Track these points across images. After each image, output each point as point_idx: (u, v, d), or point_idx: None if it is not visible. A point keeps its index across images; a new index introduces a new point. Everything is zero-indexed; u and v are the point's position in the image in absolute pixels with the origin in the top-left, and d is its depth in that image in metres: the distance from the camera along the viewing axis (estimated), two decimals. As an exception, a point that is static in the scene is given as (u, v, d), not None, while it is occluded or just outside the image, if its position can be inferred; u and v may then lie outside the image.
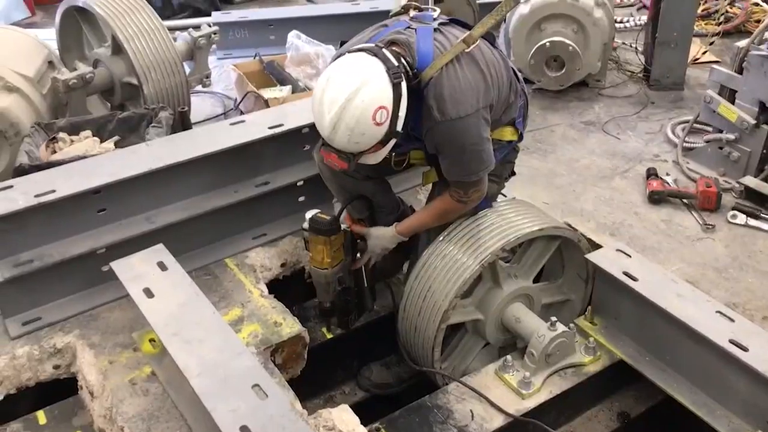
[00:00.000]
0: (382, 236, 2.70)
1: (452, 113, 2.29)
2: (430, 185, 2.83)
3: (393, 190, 2.97)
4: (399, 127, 2.26)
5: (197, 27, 4.49)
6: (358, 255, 2.75)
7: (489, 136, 2.43)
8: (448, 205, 2.57)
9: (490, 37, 2.55)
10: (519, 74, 2.69)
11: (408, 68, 2.27)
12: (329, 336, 2.91)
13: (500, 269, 2.63)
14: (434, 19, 2.46)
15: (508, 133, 2.64)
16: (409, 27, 2.41)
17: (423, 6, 2.61)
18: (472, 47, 2.35)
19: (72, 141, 3.50)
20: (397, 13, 2.58)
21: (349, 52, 2.27)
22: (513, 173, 2.86)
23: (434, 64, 2.29)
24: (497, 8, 2.42)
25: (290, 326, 2.67)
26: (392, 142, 2.30)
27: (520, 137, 2.70)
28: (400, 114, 2.23)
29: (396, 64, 2.21)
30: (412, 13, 2.53)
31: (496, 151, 2.59)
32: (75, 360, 2.65)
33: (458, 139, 2.35)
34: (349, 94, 2.13)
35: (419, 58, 2.31)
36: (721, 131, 4.04)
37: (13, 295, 2.70)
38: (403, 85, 2.21)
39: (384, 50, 2.24)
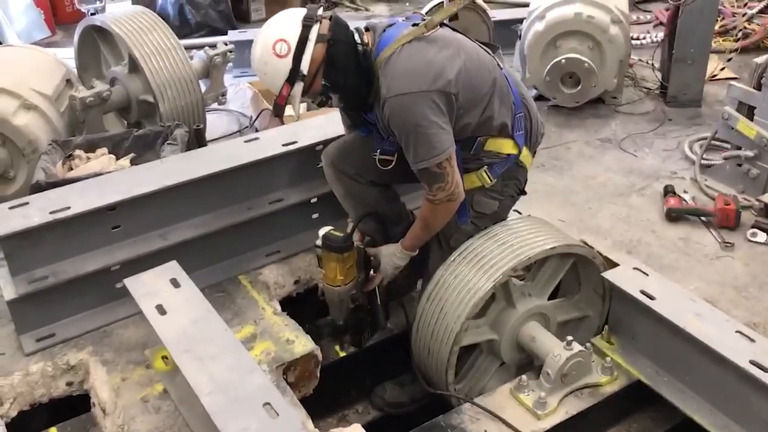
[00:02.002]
0: (391, 253, 2.68)
1: (396, 89, 2.32)
2: None
3: (400, 200, 2.97)
4: (304, 68, 2.35)
5: (213, 45, 4.53)
6: (372, 272, 2.73)
7: (443, 123, 2.36)
8: (423, 209, 2.55)
9: (492, 48, 2.59)
10: (518, 85, 2.66)
11: (361, 42, 2.41)
12: (342, 354, 2.89)
13: (513, 288, 2.60)
14: (422, 19, 2.49)
15: (506, 146, 2.59)
16: (394, 23, 2.50)
17: (423, 14, 2.64)
18: (431, 32, 2.39)
19: (88, 158, 3.53)
20: None
21: None
22: (523, 192, 2.79)
23: (391, 45, 2.38)
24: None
25: (303, 344, 2.66)
26: (299, 86, 2.38)
27: (520, 151, 2.62)
28: (305, 55, 2.34)
29: (315, 16, 2.36)
30: (408, 15, 2.61)
31: (494, 165, 2.57)
32: (88, 377, 2.65)
33: (402, 116, 2.34)
34: (263, 27, 2.43)
35: (381, 41, 2.42)
36: (739, 148, 3.99)
37: (27, 312, 2.71)
38: (314, 29, 2.34)
39: (319, 9, 2.40)
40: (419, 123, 2.33)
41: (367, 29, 2.49)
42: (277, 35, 2.36)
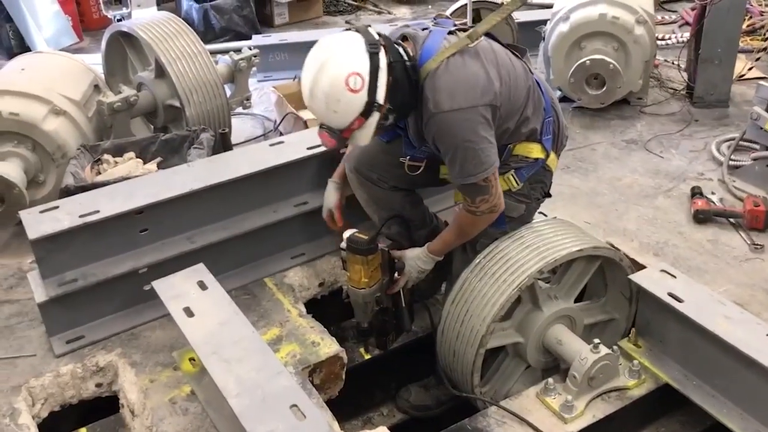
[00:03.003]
0: (416, 257, 2.66)
1: (445, 105, 2.28)
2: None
3: (424, 204, 2.97)
4: (380, 99, 2.24)
5: (238, 50, 4.56)
6: (396, 275, 2.73)
7: (490, 137, 2.35)
8: (461, 218, 2.53)
9: (520, 51, 2.56)
10: (547, 89, 2.64)
11: (407, 57, 2.31)
12: (367, 357, 2.89)
13: (539, 291, 2.59)
14: (454, 26, 2.47)
15: (534, 150, 2.58)
16: (426, 29, 2.44)
17: (451, 17, 2.63)
18: (475, 43, 2.36)
19: (116, 162, 3.57)
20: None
21: None
22: (548, 194, 2.78)
23: (435, 57, 2.32)
24: (503, 7, 2.45)
25: (328, 346, 2.67)
26: (376, 116, 2.27)
27: (548, 155, 2.62)
28: (379, 85, 2.23)
29: (377, 38, 2.25)
30: (437, 20, 2.57)
31: (521, 169, 2.56)
32: (117, 378, 2.68)
33: (451, 132, 2.31)
34: (323, 60, 2.21)
35: (423, 53, 2.35)
36: (768, 148, 3.94)
37: (57, 314, 2.75)
38: (382, 56, 2.24)
39: (369, 28, 2.29)
40: (470, 139, 2.31)
41: (405, 38, 2.43)
42: (347, 69, 2.19)
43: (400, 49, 2.33)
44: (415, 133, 2.51)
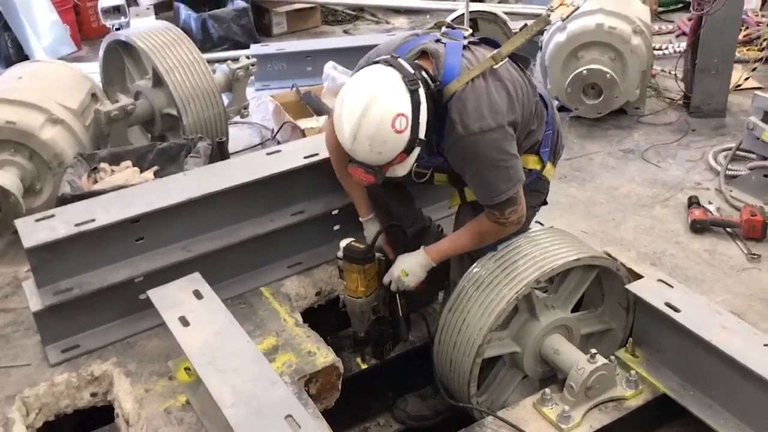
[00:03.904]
0: (413, 259, 2.60)
1: (475, 127, 2.27)
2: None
3: (414, 202, 2.96)
4: (422, 135, 2.22)
5: (236, 59, 4.57)
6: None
7: (516, 152, 2.38)
8: (485, 227, 2.50)
9: (525, 62, 2.54)
10: (549, 103, 2.66)
11: (429, 79, 2.26)
12: (364, 366, 2.88)
13: (536, 301, 2.58)
14: (464, 38, 2.47)
15: (531, 162, 2.59)
16: (438, 41, 2.43)
17: (456, 25, 2.62)
18: (500, 64, 2.36)
19: (113, 171, 3.57)
20: (431, 29, 2.62)
21: (367, 64, 2.30)
22: (544, 202, 2.80)
23: (460, 78, 2.30)
24: (528, 28, 2.43)
25: (324, 356, 2.65)
26: (417, 150, 2.25)
27: (543, 166, 2.63)
28: (420, 121, 2.20)
29: (412, 72, 2.21)
30: (444, 29, 2.56)
31: None
32: (112, 388, 2.66)
33: (482, 154, 2.31)
34: (366, 103, 2.13)
35: (445, 72, 2.31)
36: (765, 158, 3.94)
37: (53, 323, 2.74)
38: (421, 91, 2.20)
39: (400, 60, 2.25)
40: (500, 158, 2.32)
41: (424, 53, 2.37)
42: (393, 111, 2.13)
43: (424, 73, 2.27)
44: (425, 145, 2.44)
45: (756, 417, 2.31)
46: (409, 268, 2.60)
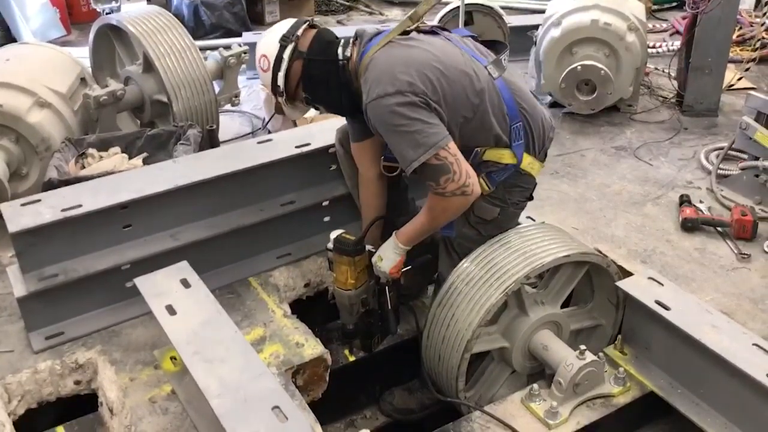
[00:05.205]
0: (386, 245, 2.58)
1: (373, 93, 2.31)
2: None
3: (407, 192, 2.97)
4: (280, 84, 2.48)
5: (228, 47, 4.53)
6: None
7: (427, 118, 2.29)
8: (431, 201, 2.44)
9: (499, 47, 2.57)
10: (519, 94, 2.55)
11: (343, 57, 2.45)
12: (352, 359, 2.87)
13: (526, 296, 2.57)
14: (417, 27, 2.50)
15: (505, 156, 2.52)
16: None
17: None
18: (415, 25, 2.46)
19: (101, 157, 3.53)
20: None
21: None
22: (530, 198, 2.72)
23: (374, 47, 2.40)
24: None
25: (312, 347, 2.64)
26: (281, 98, 2.52)
27: (519, 161, 2.55)
28: (279, 73, 2.47)
29: (297, 34, 2.46)
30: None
31: (492, 173, 2.52)
32: (96, 376, 2.64)
33: (381, 119, 2.33)
34: (262, 36, 2.58)
35: (365, 49, 2.43)
36: (757, 158, 3.94)
37: (37, 309, 2.71)
38: (287, 50, 2.45)
39: (302, 25, 2.49)
40: (399, 122, 2.29)
41: (356, 38, 2.51)
42: (261, 50, 2.51)
43: (341, 49, 2.47)
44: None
45: (743, 416, 2.31)
46: (383, 252, 2.59)
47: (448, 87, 2.36)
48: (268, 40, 2.51)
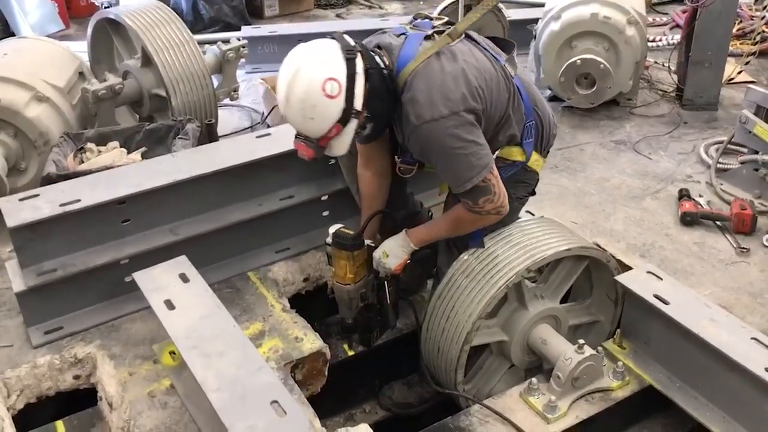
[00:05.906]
0: (393, 241, 2.58)
1: (427, 116, 2.22)
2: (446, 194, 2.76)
3: (406, 186, 2.93)
4: (357, 105, 2.20)
5: (226, 41, 4.51)
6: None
7: (478, 139, 2.29)
8: (462, 214, 2.44)
9: (508, 46, 2.51)
10: (530, 91, 2.56)
11: (384, 65, 2.28)
12: (351, 353, 2.86)
13: (526, 290, 2.57)
14: (432, 27, 2.42)
15: (515, 153, 2.53)
16: (403, 34, 2.39)
17: (433, 16, 2.55)
18: (455, 42, 2.32)
19: (99, 151, 3.52)
20: (404, 24, 2.55)
21: None
22: (533, 193, 2.74)
23: (417, 59, 2.28)
24: (482, 4, 2.42)
25: (311, 342, 2.64)
26: (353, 124, 2.23)
27: (528, 157, 2.56)
28: (356, 91, 2.18)
29: (352, 44, 2.22)
30: (415, 21, 2.51)
31: (500, 170, 2.50)
32: (95, 370, 2.64)
33: (437, 142, 2.25)
34: (299, 65, 2.16)
35: (400, 61, 2.30)
36: (756, 152, 3.93)
37: (36, 304, 2.71)
38: (359, 62, 2.20)
39: (345, 36, 2.25)
40: (456, 146, 2.24)
41: (379, 48, 2.37)
42: (324, 74, 2.14)
43: (377, 58, 2.29)
44: (402, 144, 2.45)
45: (741, 410, 2.32)
46: (390, 249, 2.58)
47: (489, 96, 2.34)
48: (323, 61, 2.16)
